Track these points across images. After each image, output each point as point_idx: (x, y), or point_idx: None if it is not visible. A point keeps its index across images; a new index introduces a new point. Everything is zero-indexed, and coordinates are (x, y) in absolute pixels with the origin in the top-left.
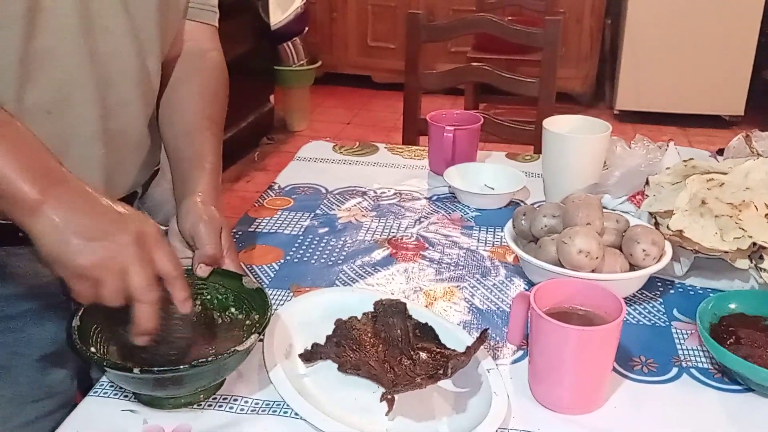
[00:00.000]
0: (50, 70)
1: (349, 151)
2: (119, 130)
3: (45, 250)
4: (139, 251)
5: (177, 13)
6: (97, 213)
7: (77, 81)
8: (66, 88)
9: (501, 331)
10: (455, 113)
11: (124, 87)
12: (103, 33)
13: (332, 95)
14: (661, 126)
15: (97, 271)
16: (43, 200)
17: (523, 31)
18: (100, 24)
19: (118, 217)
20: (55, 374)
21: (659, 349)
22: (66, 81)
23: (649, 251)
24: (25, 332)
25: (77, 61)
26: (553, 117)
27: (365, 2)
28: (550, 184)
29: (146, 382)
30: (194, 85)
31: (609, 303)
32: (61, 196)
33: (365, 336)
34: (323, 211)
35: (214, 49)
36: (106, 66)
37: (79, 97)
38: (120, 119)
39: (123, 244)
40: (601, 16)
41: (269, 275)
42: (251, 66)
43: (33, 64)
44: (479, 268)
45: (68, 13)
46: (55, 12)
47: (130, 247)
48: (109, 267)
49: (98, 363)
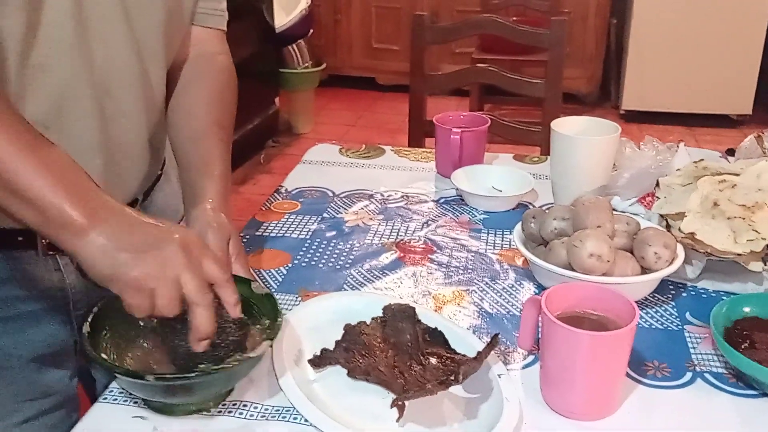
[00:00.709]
0: (47, 84)
1: (355, 153)
2: (119, 141)
3: (97, 269)
4: (188, 258)
5: (183, 20)
6: (140, 229)
7: (74, 93)
8: (63, 100)
9: (511, 335)
10: (462, 115)
11: (123, 98)
12: (101, 43)
13: (337, 97)
14: (668, 126)
15: (151, 281)
16: (90, 223)
17: (528, 32)
18: (97, 34)
19: (160, 230)
20: (52, 374)
21: (672, 353)
22: (63, 93)
23: (661, 254)
24: (23, 333)
25: (74, 72)
26: (561, 118)
27: (369, 4)
28: (559, 186)
29: (157, 389)
30: (203, 90)
31: (621, 307)
32: (105, 217)
33: (374, 341)
34: (330, 214)
35: (223, 53)
36: (104, 77)
37: (76, 109)
38: (120, 130)
39: (171, 254)
40: (607, 15)
41: (277, 279)
42: (256, 69)
43: (29, 78)
44: (488, 271)
45: (65, 25)
46: (52, 25)
47: (179, 256)
48: (162, 276)
49: (110, 369)
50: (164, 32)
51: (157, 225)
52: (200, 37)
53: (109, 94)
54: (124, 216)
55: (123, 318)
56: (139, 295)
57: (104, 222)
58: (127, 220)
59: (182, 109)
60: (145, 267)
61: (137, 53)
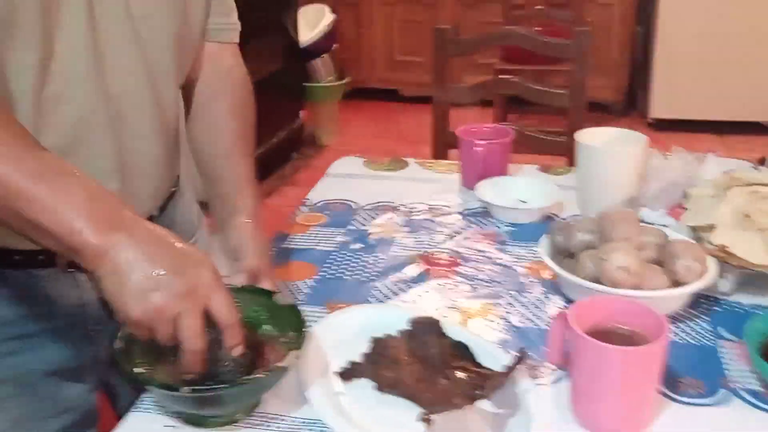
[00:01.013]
0: (63, 113)
1: (379, 166)
2: (134, 163)
3: (106, 295)
4: (192, 300)
5: (193, 40)
6: (154, 259)
7: (90, 121)
8: (80, 129)
9: (539, 349)
10: (485, 127)
11: (139, 122)
12: (115, 71)
13: (360, 109)
14: (698, 134)
15: (149, 321)
16: (105, 247)
17: (551, 43)
18: (111, 63)
19: (176, 262)
20: (72, 389)
21: (706, 369)
22: (79, 122)
23: (692, 267)
24: (42, 350)
25: (90, 101)
26: (586, 129)
27: (392, 17)
28: (585, 198)
29: (189, 401)
30: (223, 105)
31: (651, 321)
32: (122, 242)
33: (401, 354)
34: (355, 226)
35: (237, 65)
36: (119, 103)
37: (93, 136)
38: (136, 153)
39: (178, 294)
40: (632, 24)
41: (304, 292)
42: (282, 83)
43: (46, 109)
44: (515, 284)
45: (80, 56)
46: (67, 57)
47: (185, 297)
48: (161, 318)
49: (144, 383)
50: (175, 54)
51: (176, 251)
52: (214, 52)
53: (125, 120)
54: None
55: None
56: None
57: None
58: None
59: (205, 126)
60: (147, 307)
61: (150, 77)
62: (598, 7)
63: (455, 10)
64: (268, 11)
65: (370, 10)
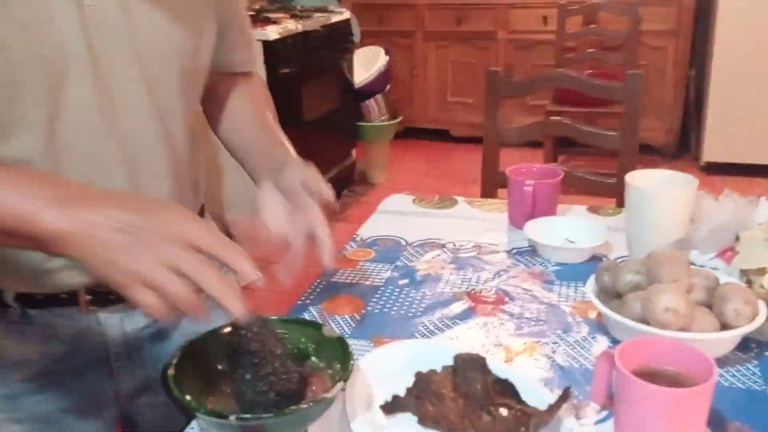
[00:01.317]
0: (75, 161)
1: (428, 204)
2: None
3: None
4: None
5: (200, 78)
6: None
7: (102, 165)
8: (92, 174)
9: (583, 389)
10: (534, 167)
11: (150, 161)
12: (125, 116)
13: (411, 149)
14: (753, 177)
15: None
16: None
17: (602, 86)
18: (121, 108)
19: (141, 206)
20: (91, 424)
21: (756, 414)
22: (92, 168)
23: (742, 310)
24: (64, 387)
25: (101, 146)
26: (636, 171)
27: (445, 59)
28: (634, 239)
29: (236, 429)
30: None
31: (698, 363)
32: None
33: (445, 390)
34: (403, 263)
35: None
36: (130, 146)
37: (105, 179)
38: (148, 191)
39: (155, 232)
40: (686, 67)
41: (351, 325)
42: (336, 122)
43: (57, 158)
44: (561, 323)
45: (89, 106)
46: (76, 108)
47: (166, 237)
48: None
49: (194, 410)
50: (183, 93)
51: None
52: (236, 78)
53: (137, 161)
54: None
55: (203, 359)
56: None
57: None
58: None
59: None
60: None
61: (160, 118)
62: (651, 50)
63: (507, 52)
64: (327, 53)
65: (423, 52)
